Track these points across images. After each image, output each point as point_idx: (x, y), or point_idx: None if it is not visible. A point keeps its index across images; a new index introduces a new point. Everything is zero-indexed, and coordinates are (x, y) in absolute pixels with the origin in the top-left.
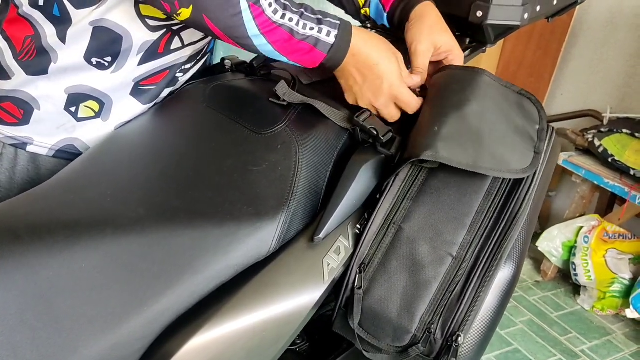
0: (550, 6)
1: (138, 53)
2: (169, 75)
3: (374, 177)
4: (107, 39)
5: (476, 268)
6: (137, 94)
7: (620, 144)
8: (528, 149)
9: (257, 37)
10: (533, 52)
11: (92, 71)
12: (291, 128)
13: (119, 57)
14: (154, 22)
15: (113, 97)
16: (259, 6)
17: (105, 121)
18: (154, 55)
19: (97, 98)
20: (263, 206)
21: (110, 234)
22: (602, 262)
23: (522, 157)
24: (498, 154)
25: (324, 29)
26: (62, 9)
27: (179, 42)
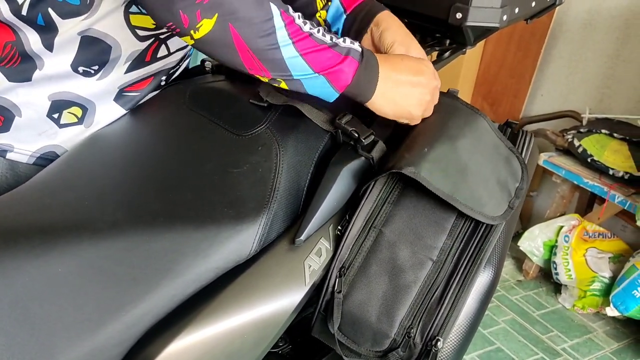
0: (528, 8)
1: (126, 62)
2: (154, 81)
3: (355, 179)
4: (95, 49)
5: (456, 272)
6: (121, 99)
7: (599, 144)
8: (504, 200)
9: (287, 47)
10: (513, 53)
11: (78, 79)
12: (272, 129)
13: (106, 65)
14: (143, 32)
15: (96, 102)
16: (289, 15)
17: (87, 127)
18: (141, 64)
19: (81, 104)
20: (243, 208)
21: (88, 238)
22: (582, 261)
23: (497, 205)
24: (476, 194)
25: (347, 40)
26: (47, 19)
27: (165, 50)
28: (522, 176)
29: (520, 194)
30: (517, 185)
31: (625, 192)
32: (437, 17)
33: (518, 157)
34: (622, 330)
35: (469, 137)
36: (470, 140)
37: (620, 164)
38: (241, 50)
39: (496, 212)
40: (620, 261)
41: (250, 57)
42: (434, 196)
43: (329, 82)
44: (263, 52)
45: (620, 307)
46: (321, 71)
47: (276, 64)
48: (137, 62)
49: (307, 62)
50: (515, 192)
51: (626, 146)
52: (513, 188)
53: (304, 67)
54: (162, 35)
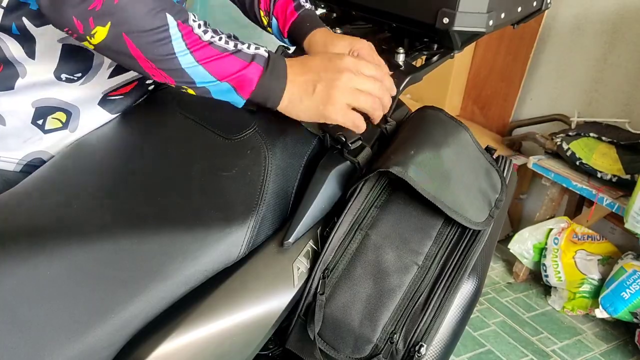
0: (514, 13)
1: (109, 67)
2: (138, 86)
3: (343, 182)
4: (77, 57)
5: (441, 279)
6: (106, 104)
7: (587, 148)
8: (485, 210)
9: (185, 56)
10: (503, 57)
11: (61, 85)
12: (260, 133)
13: (89, 72)
14: None
15: (80, 107)
16: (187, 25)
17: (72, 132)
18: (124, 69)
19: (65, 109)
20: (232, 211)
21: (76, 241)
22: (571, 263)
23: (479, 213)
24: (459, 199)
25: (253, 46)
26: (22, 28)
27: None
28: (501, 188)
29: (500, 205)
30: (497, 196)
31: (613, 195)
32: (424, 22)
33: (498, 170)
34: (611, 332)
35: (452, 146)
36: (453, 149)
37: (608, 167)
38: (139, 58)
39: (478, 218)
40: (609, 263)
41: (149, 66)
42: (421, 203)
43: (234, 88)
44: (161, 62)
45: (609, 308)
46: (224, 78)
47: (177, 73)
48: (119, 67)
49: (207, 70)
50: (495, 203)
51: (614, 149)
52: (493, 199)
53: (205, 75)
54: None
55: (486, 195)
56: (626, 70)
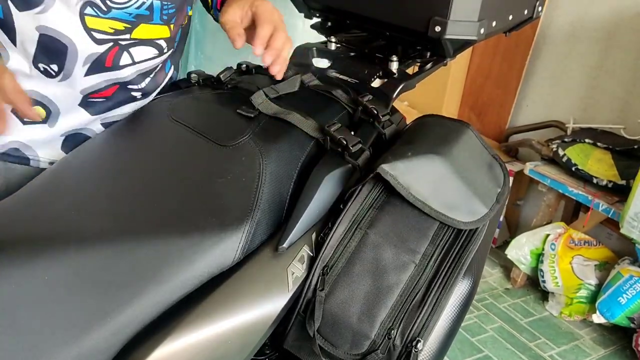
0: (506, 22)
1: (84, 64)
2: (121, 91)
3: (337, 186)
4: (52, 47)
5: (437, 277)
6: (87, 105)
7: (583, 154)
8: (485, 205)
9: None
10: (499, 65)
11: (41, 77)
12: (255, 140)
13: (65, 66)
14: (100, 35)
15: (60, 106)
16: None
17: (51, 127)
18: (102, 69)
19: (45, 105)
20: (227, 217)
21: (74, 246)
22: (568, 268)
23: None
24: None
25: None
26: (6, 10)
27: (129, 59)
28: (504, 181)
29: (501, 199)
30: (499, 190)
31: (609, 201)
32: (417, 31)
33: (501, 164)
34: (608, 337)
35: (453, 142)
36: (454, 145)
37: (603, 173)
38: None
39: (475, 216)
40: (606, 268)
41: None
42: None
43: None
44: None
45: (607, 314)
46: None
47: None
48: (96, 65)
49: None
50: (497, 197)
51: (609, 155)
52: (495, 193)
53: None
54: (122, 41)
55: (488, 189)
56: (621, 76)
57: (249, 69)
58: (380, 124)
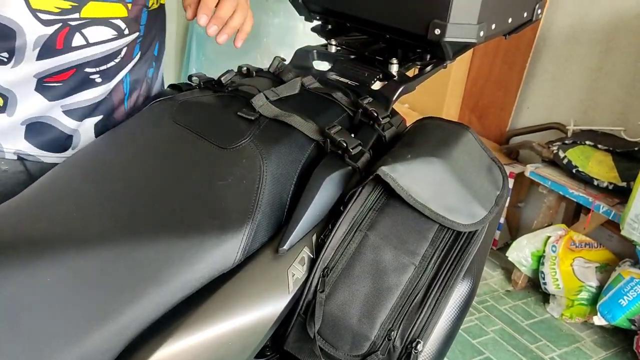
0: (505, 24)
1: (34, 48)
2: (78, 74)
3: (337, 188)
4: (0, 33)
5: (437, 279)
6: (43, 90)
7: (583, 155)
8: (484, 207)
9: None
10: (499, 67)
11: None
12: (255, 142)
13: (15, 51)
14: (46, 16)
15: (17, 92)
16: None
17: (10, 116)
18: (53, 51)
19: (1, 93)
20: (228, 218)
21: (75, 248)
22: (569, 270)
23: (478, 209)
24: (453, 202)
25: None
26: None
27: (82, 40)
28: (503, 184)
29: (500, 201)
30: (498, 193)
31: (609, 202)
32: (416, 33)
33: (500, 167)
34: (609, 339)
35: (452, 145)
36: (454, 147)
37: (604, 175)
38: None
39: (474, 219)
40: (606, 270)
41: None
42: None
43: None
44: None
45: (608, 315)
46: None
47: None
48: (47, 48)
49: None
50: (496, 200)
51: (610, 157)
52: (494, 196)
53: None
54: (71, 21)
55: (487, 192)
56: (621, 79)
57: (249, 72)
58: (380, 126)
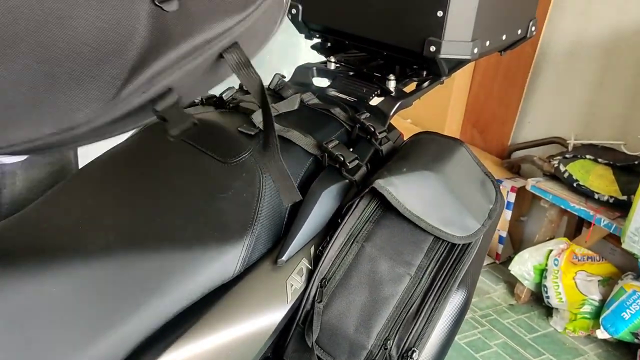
0: (499, 41)
1: None
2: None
3: (335, 201)
4: None
5: (432, 289)
6: None
7: (584, 169)
8: (478, 219)
9: None
10: (500, 83)
11: None
12: (255, 157)
13: None
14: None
15: None
16: None
17: None
18: None
19: None
20: (228, 230)
21: (81, 259)
22: (572, 284)
23: (471, 223)
24: (448, 214)
25: None
26: None
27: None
28: (496, 198)
29: (494, 215)
30: (490, 207)
31: (610, 216)
32: (412, 50)
33: (492, 181)
34: (613, 352)
35: (447, 159)
36: (448, 162)
37: (605, 188)
38: None
39: (467, 231)
40: (609, 284)
41: None
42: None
43: None
44: None
45: (610, 329)
46: None
47: None
48: None
49: None
50: (489, 214)
51: (610, 171)
52: (487, 209)
53: None
54: None
55: (480, 205)
56: (621, 93)
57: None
58: (377, 140)
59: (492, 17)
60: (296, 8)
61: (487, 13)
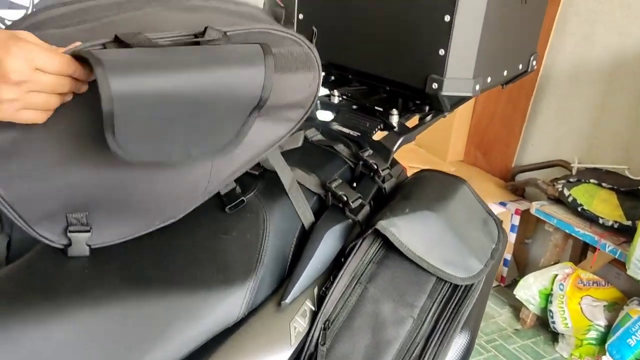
0: (500, 77)
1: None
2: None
3: (338, 241)
4: None
5: (435, 332)
6: None
7: (588, 194)
8: (481, 259)
9: None
10: (504, 106)
11: None
12: (259, 197)
13: None
14: None
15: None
16: None
17: None
18: None
19: None
20: (232, 273)
21: (88, 305)
22: (577, 309)
23: (473, 263)
24: (451, 255)
25: None
26: None
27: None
28: (498, 237)
29: (496, 255)
30: (493, 246)
31: (615, 241)
32: (415, 87)
33: (495, 220)
34: None
35: (449, 199)
36: (450, 201)
37: (609, 213)
38: None
39: (470, 272)
40: (615, 309)
41: None
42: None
43: None
44: None
45: (616, 355)
46: None
47: None
48: None
49: None
50: (491, 254)
51: (614, 195)
52: (489, 249)
53: None
54: None
55: (483, 245)
56: (624, 117)
57: None
58: (380, 178)
59: (494, 54)
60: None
61: (489, 51)
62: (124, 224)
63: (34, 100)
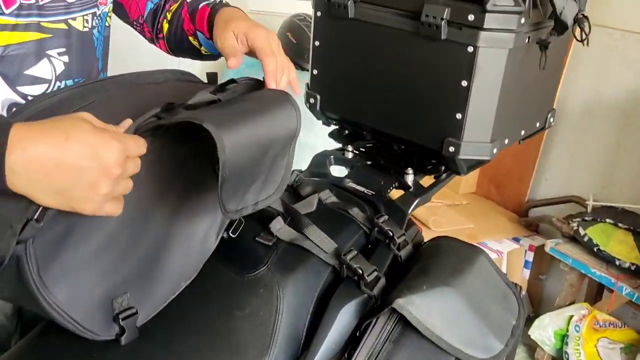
0: (517, 136)
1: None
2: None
3: (354, 317)
4: None
5: None
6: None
7: (604, 234)
8: (500, 341)
9: None
10: None
11: None
12: (273, 270)
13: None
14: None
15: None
16: None
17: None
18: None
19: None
20: (245, 355)
21: None
22: (594, 351)
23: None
24: (471, 333)
25: None
26: None
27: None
28: (519, 313)
29: (517, 332)
30: (514, 323)
31: (632, 284)
32: (431, 148)
33: (515, 293)
34: None
35: (467, 273)
36: (469, 276)
37: (626, 255)
38: None
39: (490, 353)
40: (632, 351)
41: None
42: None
43: None
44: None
45: None
46: None
47: None
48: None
49: None
50: (512, 331)
51: (631, 237)
52: (509, 326)
53: None
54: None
55: (503, 322)
56: (639, 156)
57: None
58: (395, 245)
59: (511, 117)
60: (314, 98)
61: (506, 113)
62: (155, 294)
63: (121, 190)
